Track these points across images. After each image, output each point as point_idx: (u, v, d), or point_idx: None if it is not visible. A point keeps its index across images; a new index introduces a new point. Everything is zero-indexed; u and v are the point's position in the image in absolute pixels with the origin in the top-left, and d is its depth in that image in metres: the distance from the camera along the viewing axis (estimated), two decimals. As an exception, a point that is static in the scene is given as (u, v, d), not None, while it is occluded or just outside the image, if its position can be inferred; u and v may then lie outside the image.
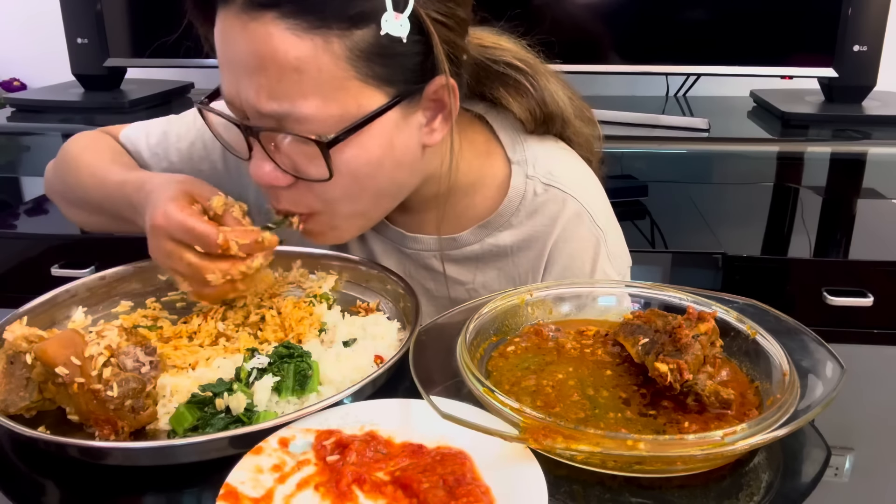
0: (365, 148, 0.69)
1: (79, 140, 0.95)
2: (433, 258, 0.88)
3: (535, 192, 0.83)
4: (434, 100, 0.73)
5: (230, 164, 0.93)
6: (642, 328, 0.65)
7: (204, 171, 0.93)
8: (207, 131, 0.90)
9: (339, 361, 0.68)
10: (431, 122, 0.74)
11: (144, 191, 0.77)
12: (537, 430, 0.53)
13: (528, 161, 0.84)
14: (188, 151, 0.94)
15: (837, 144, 1.66)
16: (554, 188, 0.83)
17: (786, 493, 0.55)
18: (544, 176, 0.84)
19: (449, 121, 0.74)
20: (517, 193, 0.84)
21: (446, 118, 0.74)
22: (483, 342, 0.69)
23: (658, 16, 1.71)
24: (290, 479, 0.53)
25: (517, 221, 0.84)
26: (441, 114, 0.74)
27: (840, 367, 0.59)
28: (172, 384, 0.64)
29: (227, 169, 0.94)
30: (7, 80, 2.21)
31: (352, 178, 0.71)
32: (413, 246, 0.88)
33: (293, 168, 0.70)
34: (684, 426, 0.57)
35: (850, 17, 1.61)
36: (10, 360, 0.62)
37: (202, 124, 0.91)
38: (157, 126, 0.97)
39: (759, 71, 1.71)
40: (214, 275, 0.70)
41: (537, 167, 0.84)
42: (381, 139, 0.70)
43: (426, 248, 0.88)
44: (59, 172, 0.94)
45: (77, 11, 1.86)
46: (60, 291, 0.79)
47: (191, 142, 0.95)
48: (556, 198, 0.83)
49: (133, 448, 0.57)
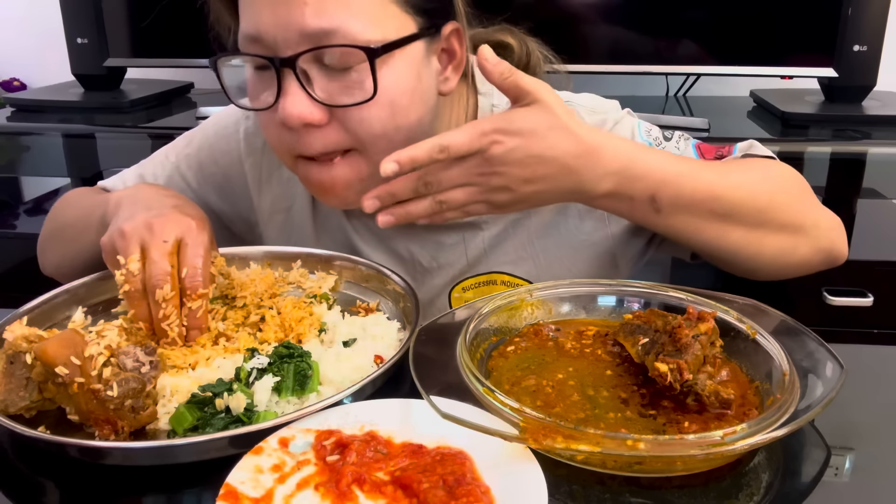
0: (400, 73, 0.71)
1: (58, 203, 0.97)
2: None
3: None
4: (446, 48, 0.77)
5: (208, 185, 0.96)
6: (642, 328, 0.65)
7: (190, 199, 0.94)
8: (181, 164, 0.95)
9: (339, 361, 0.67)
10: (444, 71, 0.78)
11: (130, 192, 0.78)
12: (537, 430, 0.53)
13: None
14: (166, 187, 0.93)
15: (837, 144, 1.66)
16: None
17: (786, 493, 0.55)
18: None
19: (459, 71, 0.79)
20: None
21: (456, 68, 0.79)
22: (483, 342, 0.69)
23: (658, 16, 1.71)
24: (290, 479, 0.53)
25: None
26: (451, 63, 0.79)
27: (840, 367, 0.59)
28: (172, 384, 0.64)
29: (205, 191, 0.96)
30: (7, 80, 2.21)
31: (389, 108, 0.71)
32: None
33: (328, 97, 0.70)
34: (684, 426, 0.57)
35: (850, 17, 1.61)
36: (10, 360, 0.62)
37: (175, 158, 0.95)
38: (131, 172, 0.98)
39: (759, 71, 1.71)
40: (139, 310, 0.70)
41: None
42: (413, 68, 0.73)
43: None
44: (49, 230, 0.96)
45: (77, 11, 1.86)
46: (60, 291, 0.79)
47: (167, 177, 0.96)
48: None
49: (133, 448, 0.57)
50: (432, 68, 0.76)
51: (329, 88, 0.70)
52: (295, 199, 0.92)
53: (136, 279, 0.69)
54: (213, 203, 0.96)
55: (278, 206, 0.94)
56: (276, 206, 0.94)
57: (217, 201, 0.96)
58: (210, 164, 0.95)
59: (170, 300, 0.69)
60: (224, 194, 0.96)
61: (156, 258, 0.69)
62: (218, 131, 0.95)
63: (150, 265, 0.69)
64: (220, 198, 0.96)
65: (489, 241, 0.89)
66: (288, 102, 0.69)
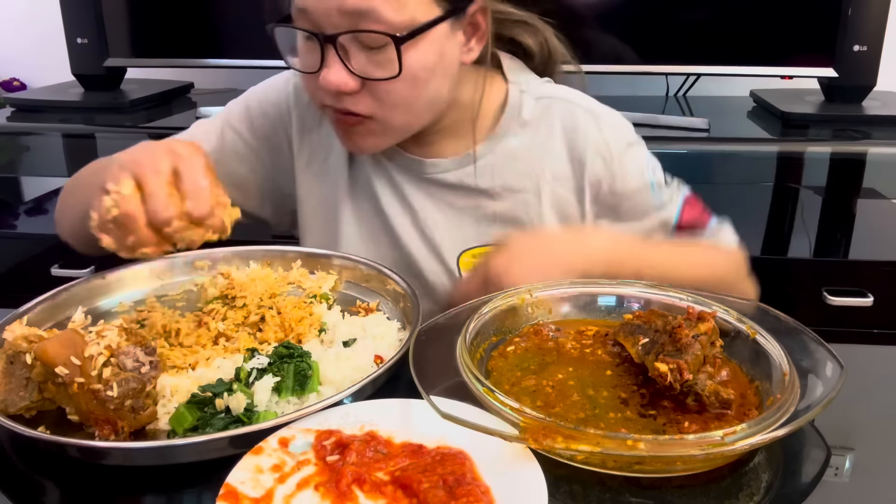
0: (424, 53, 0.80)
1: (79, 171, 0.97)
2: (451, 176, 0.95)
3: (531, 105, 0.94)
4: (471, 23, 0.85)
5: (258, 135, 1.00)
6: (642, 328, 0.65)
7: (240, 152, 1.00)
8: (232, 117, 1.00)
9: (339, 361, 0.67)
10: (468, 43, 0.86)
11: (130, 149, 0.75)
12: (537, 430, 0.53)
13: (522, 82, 0.96)
14: (218, 141, 0.99)
15: (837, 144, 1.66)
16: (544, 98, 0.95)
17: (786, 493, 0.55)
18: (535, 91, 0.95)
19: (482, 42, 0.87)
20: (514, 104, 0.94)
21: (479, 39, 0.87)
22: (483, 342, 0.69)
23: (658, 16, 1.71)
24: (290, 479, 0.53)
25: (519, 128, 0.94)
26: (475, 36, 0.86)
27: (840, 367, 0.59)
28: (172, 384, 0.64)
29: (256, 141, 1.00)
30: (7, 80, 2.21)
31: (412, 82, 0.81)
32: (431, 171, 0.95)
33: (362, 71, 0.79)
34: (684, 426, 0.57)
35: (850, 17, 1.61)
36: (10, 360, 0.62)
37: (226, 115, 1.01)
38: (179, 135, 1.02)
39: (759, 71, 1.71)
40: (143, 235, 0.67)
41: (530, 86, 0.95)
42: (435, 47, 0.81)
43: (445, 170, 0.95)
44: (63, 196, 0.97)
45: (77, 11, 1.86)
46: (60, 291, 0.79)
47: (220, 131, 1.00)
48: (546, 105, 0.94)
49: (133, 448, 0.57)
50: (456, 41, 0.84)
51: (363, 62, 0.80)
52: (331, 151, 0.98)
53: (132, 201, 0.65)
54: (262, 154, 1.01)
55: (315, 155, 1.00)
56: (313, 156, 0.99)
57: (265, 151, 1.01)
58: (259, 117, 1.00)
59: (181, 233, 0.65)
60: (271, 145, 1.00)
61: (154, 190, 0.66)
62: (268, 86, 1.02)
63: (150, 199, 0.66)
64: (268, 148, 1.01)
65: (500, 212, 0.95)
66: (329, 73, 0.79)
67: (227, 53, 1.88)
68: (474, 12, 0.84)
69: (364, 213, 0.97)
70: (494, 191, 0.94)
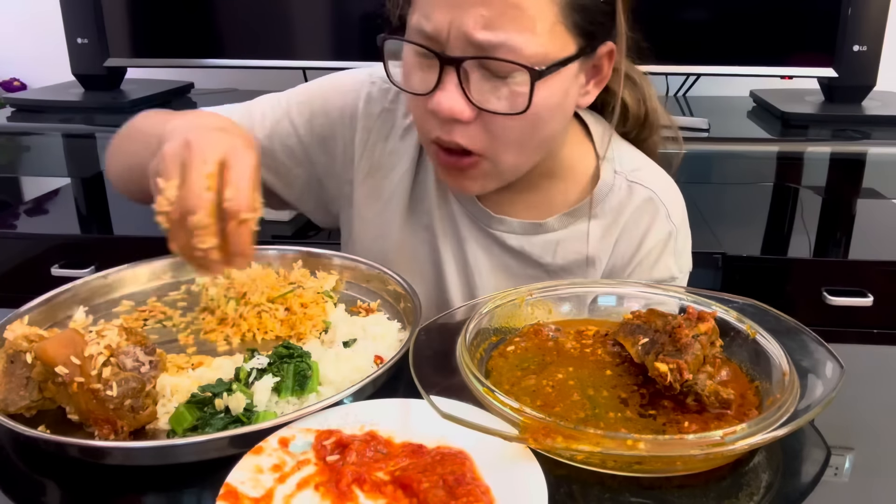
0: (553, 90, 0.74)
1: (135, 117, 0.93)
2: (514, 240, 0.91)
3: (621, 187, 0.89)
4: (595, 64, 0.79)
5: (314, 134, 0.95)
6: (642, 328, 0.65)
7: (290, 145, 0.95)
8: (293, 109, 0.95)
9: (339, 361, 0.67)
10: (586, 85, 0.81)
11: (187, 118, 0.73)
12: (537, 430, 0.53)
13: (616, 158, 0.90)
14: (272, 128, 0.95)
15: (837, 144, 1.66)
16: (638, 185, 0.89)
17: (786, 493, 0.55)
18: (630, 173, 0.89)
19: (600, 87, 0.81)
20: (605, 185, 0.89)
21: (598, 83, 0.81)
22: (483, 342, 0.69)
23: (658, 16, 1.71)
24: (290, 478, 0.53)
25: (601, 212, 0.89)
26: (595, 79, 0.81)
27: (840, 367, 0.59)
28: (172, 384, 0.64)
29: (311, 139, 0.95)
30: (7, 80, 2.21)
31: (533, 120, 0.75)
32: (497, 228, 0.91)
33: (481, 100, 0.73)
34: (684, 426, 0.57)
35: (849, 17, 1.61)
36: (10, 360, 0.62)
37: (287, 104, 0.95)
38: (240, 107, 0.97)
39: (759, 71, 1.71)
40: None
41: (623, 164, 0.90)
42: (563, 86, 0.76)
43: (510, 231, 0.90)
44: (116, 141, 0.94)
45: (77, 11, 1.86)
46: (60, 291, 0.79)
47: (276, 119, 0.95)
48: (639, 193, 0.89)
49: (133, 448, 0.57)
50: (578, 83, 0.79)
51: (483, 91, 0.73)
52: (393, 169, 0.94)
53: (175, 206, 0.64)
54: (313, 153, 0.96)
55: (375, 171, 0.95)
56: (373, 170, 0.95)
57: (318, 152, 0.96)
58: (320, 115, 0.95)
59: (206, 228, 0.63)
60: (326, 147, 0.96)
61: (192, 180, 0.64)
62: (337, 87, 0.97)
63: (184, 189, 0.64)
64: (322, 149, 0.96)
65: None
66: (443, 96, 0.73)
67: (227, 53, 1.88)
68: (603, 54, 0.79)
69: (418, 243, 0.93)
70: (552, 267, 0.90)
